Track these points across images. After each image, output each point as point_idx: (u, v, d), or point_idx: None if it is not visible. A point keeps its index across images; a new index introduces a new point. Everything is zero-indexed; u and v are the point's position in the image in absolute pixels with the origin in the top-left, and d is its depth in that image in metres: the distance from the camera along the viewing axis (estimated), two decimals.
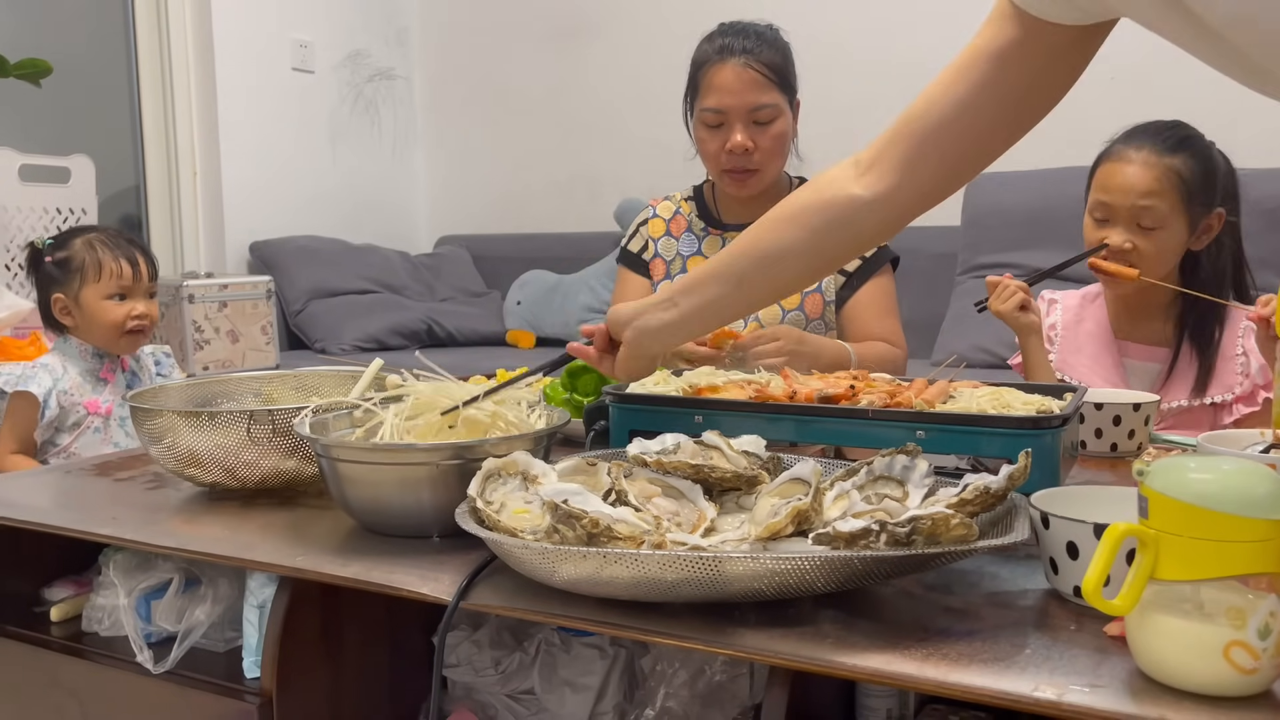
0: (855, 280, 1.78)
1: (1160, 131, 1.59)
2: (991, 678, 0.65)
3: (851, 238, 1.07)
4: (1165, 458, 0.66)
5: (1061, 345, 1.72)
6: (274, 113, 3.66)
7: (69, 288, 1.89)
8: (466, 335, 3.59)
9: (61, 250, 1.90)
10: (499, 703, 1.10)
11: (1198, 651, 0.61)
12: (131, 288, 1.90)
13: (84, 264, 1.88)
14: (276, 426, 1.07)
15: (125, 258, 1.90)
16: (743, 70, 1.70)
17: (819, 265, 1.12)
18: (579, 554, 0.74)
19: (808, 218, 1.06)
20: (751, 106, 1.70)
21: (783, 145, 1.74)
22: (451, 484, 0.92)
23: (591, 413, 1.21)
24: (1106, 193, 1.57)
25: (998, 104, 0.96)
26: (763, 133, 1.71)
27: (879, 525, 0.74)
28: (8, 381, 1.85)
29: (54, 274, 1.90)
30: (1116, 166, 1.58)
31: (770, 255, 1.08)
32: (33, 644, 1.13)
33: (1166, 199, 1.54)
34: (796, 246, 1.07)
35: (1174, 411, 1.60)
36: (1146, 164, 1.55)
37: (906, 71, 3.30)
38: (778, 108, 1.71)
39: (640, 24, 3.68)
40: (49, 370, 1.88)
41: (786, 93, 1.74)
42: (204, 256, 3.52)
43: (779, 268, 1.08)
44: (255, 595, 1.03)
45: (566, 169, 3.95)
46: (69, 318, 1.91)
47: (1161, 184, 1.54)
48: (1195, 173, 1.55)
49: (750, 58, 1.70)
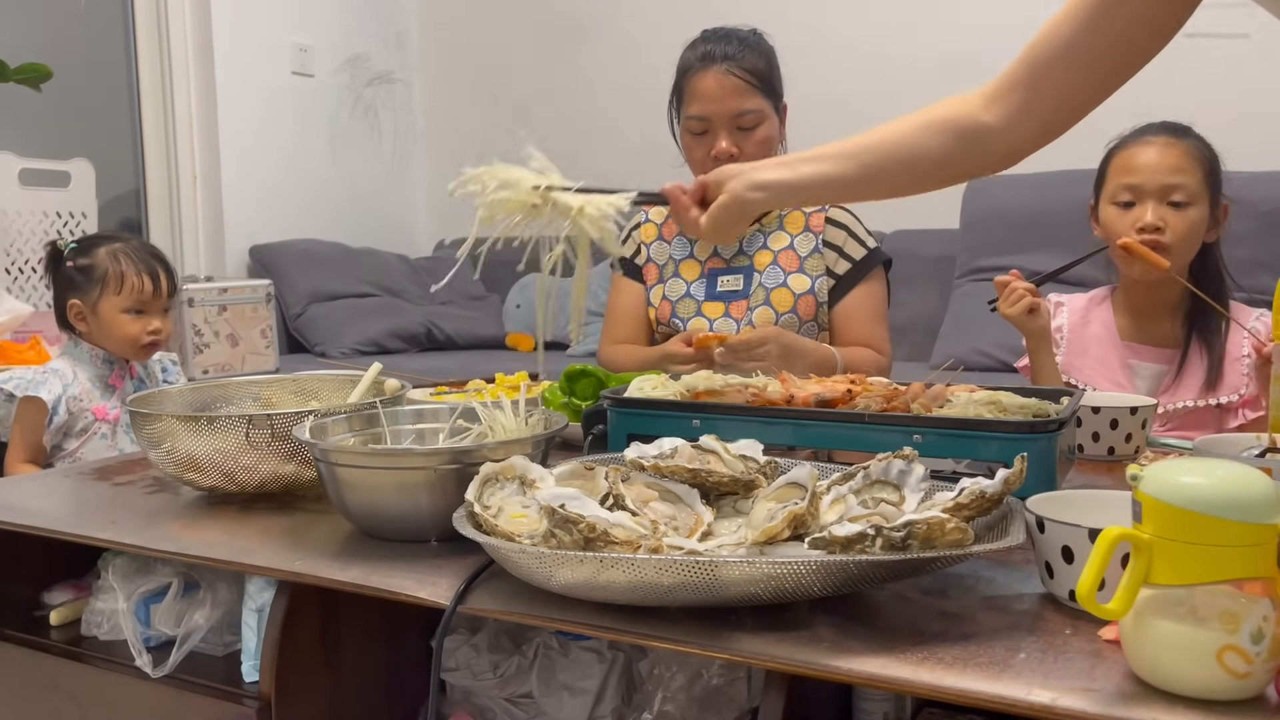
0: (846, 283, 1.78)
1: (1165, 126, 1.62)
2: (986, 682, 0.65)
3: (980, 158, 1.09)
4: (1159, 462, 0.66)
5: (1068, 348, 1.72)
6: (274, 116, 3.67)
7: (88, 295, 1.88)
8: (466, 339, 3.59)
9: (85, 257, 1.90)
10: (497, 706, 1.11)
11: (1191, 656, 0.62)
12: (150, 303, 1.91)
13: (106, 274, 1.88)
14: (275, 431, 1.08)
15: (148, 273, 1.91)
16: (725, 77, 1.71)
17: (943, 176, 1.13)
18: (576, 558, 0.74)
19: (945, 130, 1.08)
20: (734, 113, 1.71)
21: (768, 150, 1.74)
22: (449, 488, 0.92)
23: (590, 417, 1.21)
24: (1133, 174, 1.58)
25: (1105, 43, 0.99)
26: (747, 138, 1.72)
27: (875, 529, 0.74)
28: (18, 386, 1.85)
29: (75, 279, 1.89)
30: (1138, 149, 1.60)
31: (900, 152, 1.10)
32: (32, 648, 1.13)
33: (1194, 175, 1.57)
34: (931, 153, 1.09)
35: (1180, 412, 1.60)
36: (1168, 145, 1.59)
37: (908, 70, 3.32)
38: (761, 113, 1.72)
39: (639, 27, 3.69)
40: (59, 376, 1.87)
41: (770, 97, 1.74)
42: (204, 260, 3.53)
43: (905, 167, 1.10)
44: (254, 599, 1.03)
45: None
46: (83, 324, 1.91)
47: (1188, 160, 1.57)
48: (1211, 155, 1.60)
49: (732, 64, 1.71)
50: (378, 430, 1.10)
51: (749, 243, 1.83)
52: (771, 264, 1.79)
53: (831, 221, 1.80)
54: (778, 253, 1.80)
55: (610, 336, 1.91)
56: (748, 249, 1.82)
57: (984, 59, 3.15)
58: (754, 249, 1.82)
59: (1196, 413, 1.60)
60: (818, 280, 1.78)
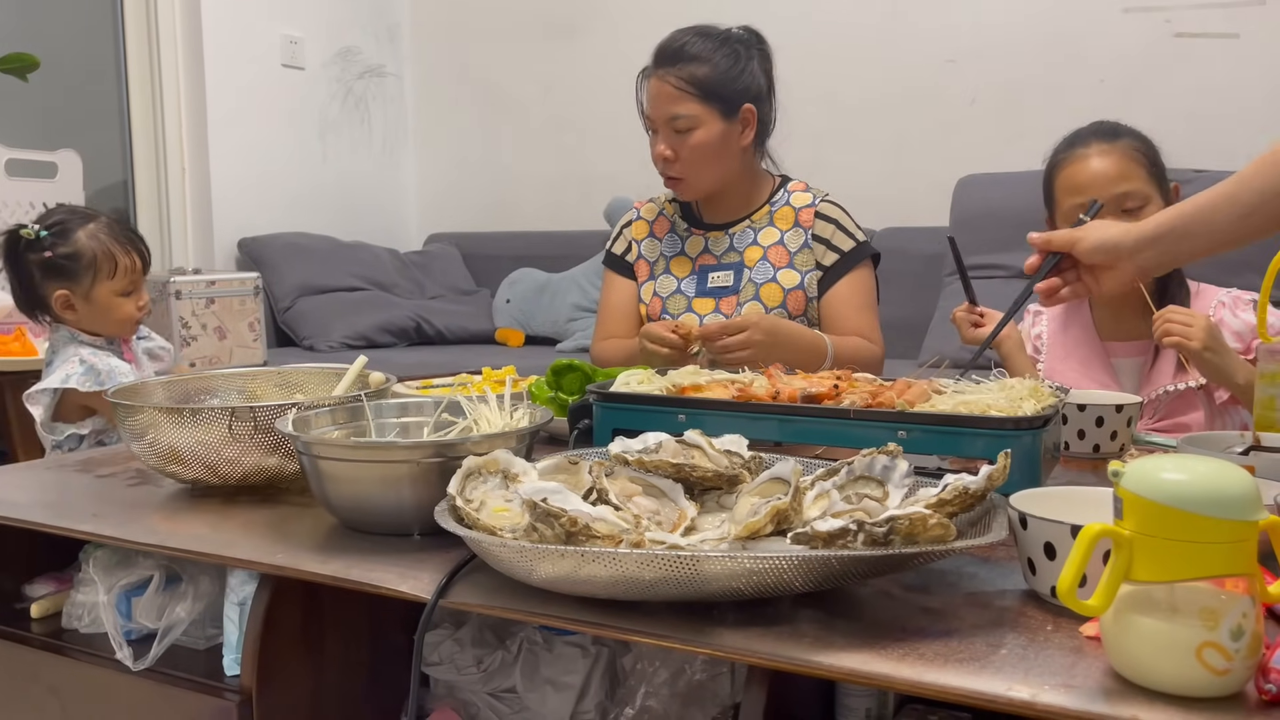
0: (833, 274, 1.78)
1: (1094, 129, 1.63)
2: (967, 677, 0.65)
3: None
4: (1141, 458, 0.66)
5: (1049, 354, 1.72)
6: (263, 109, 3.65)
7: (78, 284, 1.84)
8: (455, 333, 3.59)
9: (65, 243, 1.84)
10: (481, 701, 1.10)
11: (1171, 652, 0.62)
12: (139, 280, 1.89)
13: (96, 259, 1.84)
14: (258, 423, 1.07)
15: (134, 250, 1.88)
16: (660, 83, 1.74)
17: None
18: (557, 552, 0.74)
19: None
20: (668, 118, 1.73)
21: (703, 155, 1.74)
22: (432, 482, 0.92)
23: (575, 411, 1.21)
24: (1081, 191, 1.58)
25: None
26: (682, 142, 1.73)
27: (857, 525, 0.74)
28: (82, 380, 1.76)
29: (62, 267, 1.83)
30: (1078, 166, 1.60)
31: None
32: (12, 641, 1.13)
33: (1138, 178, 1.57)
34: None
35: (1166, 398, 1.60)
36: (1104, 153, 1.59)
37: (911, 70, 3.32)
38: (695, 119, 1.73)
39: (631, 22, 3.68)
40: (90, 362, 1.80)
41: (714, 103, 1.73)
42: (192, 252, 3.51)
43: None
44: (236, 592, 1.02)
45: (557, 167, 3.95)
46: (71, 312, 1.86)
47: (1128, 165, 1.58)
48: (1148, 147, 1.60)
49: (669, 69, 1.73)
50: (362, 423, 1.10)
51: (739, 239, 1.83)
52: (761, 259, 1.79)
53: (821, 216, 1.80)
54: (767, 248, 1.80)
55: (602, 332, 1.91)
56: (738, 245, 1.82)
57: (985, 55, 3.19)
58: (744, 245, 1.82)
59: (1182, 397, 1.60)
60: (807, 275, 1.78)
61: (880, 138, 3.33)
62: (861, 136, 3.35)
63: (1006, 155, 3.00)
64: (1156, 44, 2.96)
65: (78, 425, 1.83)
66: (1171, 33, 2.94)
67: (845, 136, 3.35)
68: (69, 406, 1.82)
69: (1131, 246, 1.10)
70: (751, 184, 1.84)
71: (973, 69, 3.19)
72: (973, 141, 3.18)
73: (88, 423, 1.83)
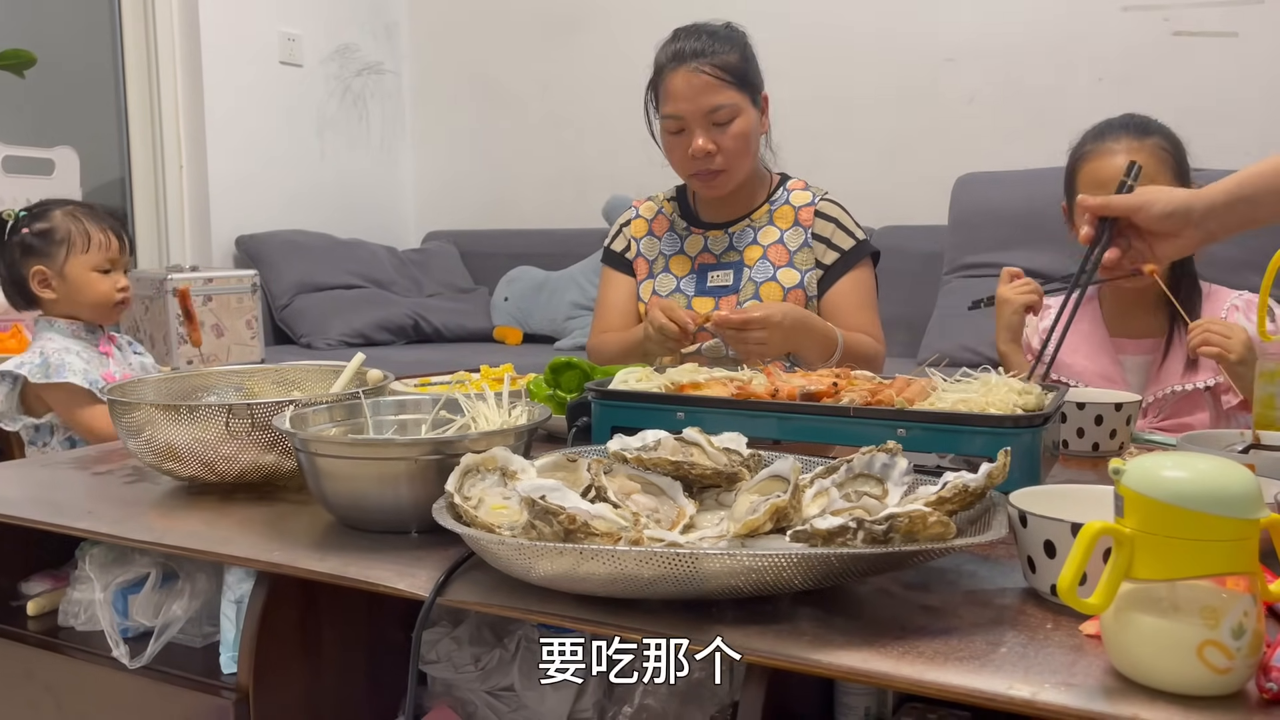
0: (834, 273, 1.78)
1: (1125, 123, 1.61)
2: (967, 676, 0.65)
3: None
4: (1142, 456, 0.66)
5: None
6: (261, 106, 3.64)
7: (52, 259, 1.83)
8: (453, 331, 3.58)
9: (41, 221, 1.84)
10: (479, 699, 1.10)
11: (1171, 651, 0.61)
12: (117, 260, 1.87)
13: (70, 234, 1.83)
14: (255, 421, 1.07)
15: (111, 229, 1.87)
16: (694, 75, 1.70)
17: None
18: (555, 550, 0.73)
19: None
20: (707, 110, 1.70)
21: (745, 144, 1.73)
22: (430, 479, 0.91)
23: (574, 409, 1.20)
24: (1104, 188, 1.56)
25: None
26: (723, 133, 1.71)
27: (856, 523, 0.74)
28: (33, 371, 1.76)
29: (34, 245, 1.83)
30: (1104, 161, 1.58)
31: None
32: (9, 638, 1.12)
33: (1164, 176, 1.55)
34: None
35: (1172, 398, 1.60)
36: (1131, 150, 1.57)
37: (909, 68, 3.32)
38: (736, 107, 1.71)
39: (629, 19, 3.67)
40: (66, 353, 1.79)
41: (746, 90, 1.73)
42: (189, 250, 3.50)
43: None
44: (233, 590, 1.02)
45: (555, 165, 3.94)
46: (48, 290, 1.84)
47: (1156, 163, 1.55)
48: (1175, 146, 1.59)
49: (702, 60, 1.70)
50: (359, 421, 1.10)
51: (739, 238, 1.82)
52: (761, 259, 1.79)
53: (821, 214, 1.80)
54: (767, 247, 1.80)
55: (599, 327, 1.91)
56: (737, 244, 1.82)
57: (983, 53, 3.18)
58: (744, 244, 1.81)
59: (1189, 397, 1.60)
60: (807, 274, 1.78)
61: (878, 136, 3.33)
62: (860, 135, 3.35)
63: (1005, 154, 3.00)
64: (1155, 42, 2.96)
65: (39, 418, 1.83)
66: (1170, 31, 2.94)
67: (843, 135, 3.35)
68: (31, 397, 1.82)
69: (1203, 212, 1.06)
70: (753, 181, 1.84)
71: (971, 67, 3.19)
72: (971, 140, 3.18)
73: (47, 415, 1.83)
